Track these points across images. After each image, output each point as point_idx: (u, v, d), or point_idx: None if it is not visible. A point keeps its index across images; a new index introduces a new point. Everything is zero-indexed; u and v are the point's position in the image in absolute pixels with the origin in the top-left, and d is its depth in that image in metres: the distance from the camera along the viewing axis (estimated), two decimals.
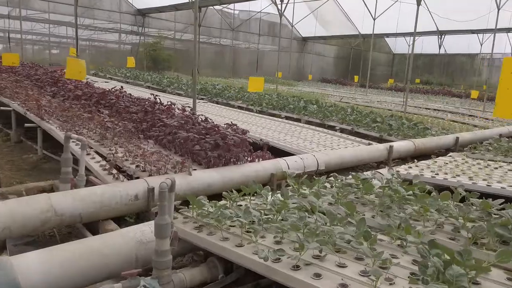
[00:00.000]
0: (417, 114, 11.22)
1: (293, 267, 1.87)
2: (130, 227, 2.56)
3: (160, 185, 2.08)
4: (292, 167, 4.69)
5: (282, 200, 2.62)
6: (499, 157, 5.37)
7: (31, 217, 2.81)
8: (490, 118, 12.64)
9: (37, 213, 2.84)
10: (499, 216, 2.35)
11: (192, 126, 4.73)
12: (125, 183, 3.42)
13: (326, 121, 8.38)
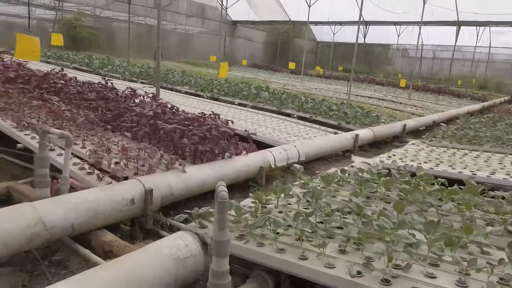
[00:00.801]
0: (360, 102, 11.68)
1: (382, 281, 1.71)
2: (160, 242, 2.18)
3: (220, 194, 1.76)
4: (277, 159, 4.52)
5: (326, 203, 2.43)
6: (461, 145, 5.73)
7: (15, 235, 2.28)
8: (419, 106, 13.67)
9: (23, 228, 2.31)
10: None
11: (170, 116, 4.29)
12: (119, 186, 2.95)
13: (283, 108, 8.30)
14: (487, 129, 6.93)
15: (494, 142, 5.78)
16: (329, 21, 31.79)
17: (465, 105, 16.03)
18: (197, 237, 2.24)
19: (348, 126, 7.36)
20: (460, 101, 17.77)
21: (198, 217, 2.43)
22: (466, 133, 6.28)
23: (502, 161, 4.76)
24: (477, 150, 5.39)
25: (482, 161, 4.74)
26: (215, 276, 1.79)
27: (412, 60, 35.59)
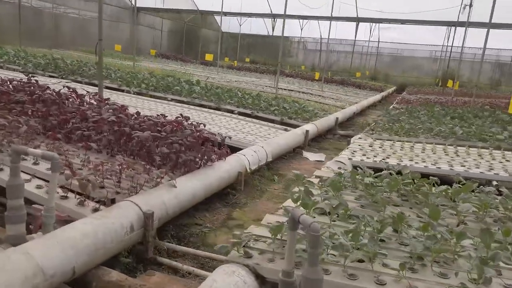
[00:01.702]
0: (287, 96, 11.89)
1: None
2: (212, 282, 1.86)
3: (312, 226, 1.54)
4: (251, 162, 4.34)
5: (380, 221, 2.32)
6: (403, 138, 6.14)
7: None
8: (334, 98, 14.47)
9: (20, 282, 1.80)
10: None
11: (135, 121, 3.80)
12: (114, 212, 2.49)
13: (223, 104, 8.04)
14: (414, 121, 7.57)
15: (427, 134, 6.34)
16: (241, 13, 31.82)
17: (369, 95, 17.43)
18: (249, 270, 1.97)
19: (290, 122, 7.41)
20: (363, 92, 19.27)
21: (236, 245, 2.14)
22: (402, 126, 6.77)
23: (447, 151, 5.22)
24: (420, 142, 5.84)
25: (431, 153, 5.14)
26: None
27: (313, 52, 37.67)
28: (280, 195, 4.30)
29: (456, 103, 13.36)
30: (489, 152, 5.27)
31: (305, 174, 5.22)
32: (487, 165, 4.55)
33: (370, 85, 22.67)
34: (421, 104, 12.70)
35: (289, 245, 1.72)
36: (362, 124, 10.77)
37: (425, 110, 9.31)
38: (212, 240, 3.14)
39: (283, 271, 1.74)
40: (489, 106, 11.22)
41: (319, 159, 6.07)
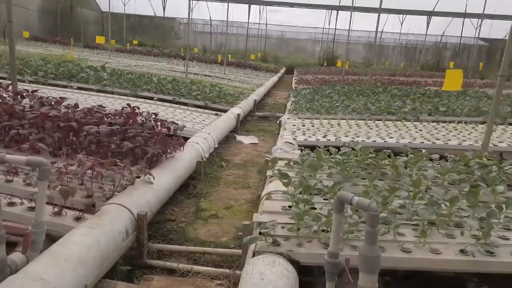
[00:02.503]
0: (198, 80, 11.61)
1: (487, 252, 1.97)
2: (255, 275, 1.79)
3: (370, 206, 1.60)
4: (205, 150, 4.23)
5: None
6: (328, 116, 6.56)
7: None
8: (240, 80, 14.64)
9: None
10: (481, 166, 3.13)
11: (81, 115, 3.37)
12: (105, 218, 2.21)
13: (139, 91, 7.54)
14: (327, 99, 8.13)
15: (345, 111, 6.89)
16: None
17: (268, 77, 18.08)
18: (283, 258, 1.96)
19: (214, 106, 7.34)
20: (261, 73, 19.89)
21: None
22: (322, 105, 7.22)
23: (370, 126, 5.77)
24: (344, 119, 6.33)
25: (357, 128, 5.62)
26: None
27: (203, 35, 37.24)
28: (236, 180, 4.29)
29: (347, 81, 14.67)
30: (403, 124, 5.98)
31: (248, 156, 5.30)
32: (409, 135, 5.17)
33: (266, 67, 23.46)
34: (321, 83, 13.65)
35: (336, 228, 1.76)
36: (273, 104, 11.17)
37: (330, 89, 10.04)
38: (193, 234, 3.02)
39: (329, 253, 1.78)
40: (380, 83, 12.61)
41: (253, 142, 6.16)
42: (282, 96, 13.36)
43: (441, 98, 8.87)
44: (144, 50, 25.44)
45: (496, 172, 3.08)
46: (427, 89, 10.54)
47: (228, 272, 2.45)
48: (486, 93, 10.59)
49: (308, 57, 35.39)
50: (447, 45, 33.84)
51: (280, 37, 36.97)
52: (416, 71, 26.96)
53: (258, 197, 3.79)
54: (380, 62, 34.51)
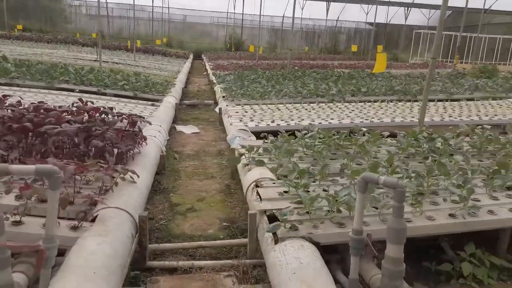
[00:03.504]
0: (115, 68, 10.82)
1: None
2: (293, 258, 1.83)
3: (398, 184, 1.76)
4: (162, 143, 4.08)
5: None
6: (266, 101, 6.71)
7: None
8: (154, 67, 14.04)
9: None
10: (428, 139, 3.56)
11: (34, 114, 3.00)
12: (109, 223, 2.06)
13: (56, 83, 6.83)
14: (258, 85, 8.29)
15: (278, 95, 7.12)
16: None
17: (181, 63, 17.65)
18: (306, 240, 2.05)
19: (145, 96, 7.01)
20: (173, 60, 19.29)
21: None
22: (256, 90, 7.35)
23: (308, 108, 6.07)
24: (281, 103, 6.54)
25: (298, 111, 5.88)
26: (392, 263, 1.84)
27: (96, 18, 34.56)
28: (197, 172, 4.21)
29: (262, 66, 15.02)
30: (335, 105, 6.41)
31: (197, 146, 5.22)
32: (346, 116, 5.57)
33: (175, 53, 22.77)
34: (237, 68, 13.76)
35: (359, 206, 1.89)
36: (196, 92, 10.97)
37: (254, 75, 10.22)
38: (177, 230, 2.93)
39: (353, 230, 1.92)
40: (298, 67, 13.17)
41: (194, 131, 6.05)
42: (202, 82, 13.18)
43: (356, 79, 9.66)
44: (35, 36, 22.75)
45: (441, 144, 3.53)
46: (341, 72, 11.34)
47: (231, 262, 2.46)
48: (390, 73, 11.78)
49: (214, 42, 35.15)
50: (342, 29, 36.39)
51: (183, 21, 36.02)
52: (318, 55, 28.66)
53: (226, 186, 3.79)
54: (284, 47, 35.79)
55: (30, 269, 1.85)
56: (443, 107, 6.79)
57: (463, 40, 21.60)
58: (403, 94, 7.82)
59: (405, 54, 29.96)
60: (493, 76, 12.35)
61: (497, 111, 6.60)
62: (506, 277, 2.34)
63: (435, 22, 31.82)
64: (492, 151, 3.66)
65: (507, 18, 26.04)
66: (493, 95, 8.73)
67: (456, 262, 2.32)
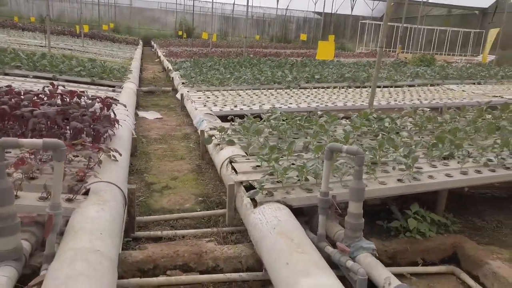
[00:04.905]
0: (67, 54, 10.43)
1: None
2: (273, 218, 2.13)
3: (358, 151, 2.12)
4: (131, 126, 4.21)
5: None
6: (226, 87, 6.92)
7: None
8: (105, 54, 13.67)
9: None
10: (378, 119, 4.00)
11: (9, 97, 3.04)
12: (104, 195, 2.24)
13: (8, 69, 6.60)
14: (215, 72, 8.47)
15: (237, 82, 7.38)
16: None
17: (132, 49, 17.26)
18: (281, 204, 2.36)
19: (103, 82, 6.97)
20: (124, 46, 18.78)
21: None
22: (215, 76, 7.54)
23: (267, 94, 6.39)
24: (241, 89, 6.80)
25: (257, 97, 6.18)
26: (354, 217, 2.21)
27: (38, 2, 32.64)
28: (167, 154, 4.40)
29: (217, 53, 15.14)
30: (292, 91, 6.78)
31: (162, 131, 5.37)
32: (303, 100, 5.95)
33: (124, 39, 22.13)
34: (190, 55, 13.78)
35: (327, 172, 2.24)
36: (151, 79, 10.91)
37: (211, 62, 10.36)
38: (157, 205, 3.14)
39: (321, 192, 2.26)
40: (253, 55, 13.43)
41: (157, 117, 6.17)
42: (155, 69, 13.08)
43: (309, 67, 10.12)
44: None
45: (389, 123, 4.00)
46: (294, 60, 11.78)
47: (210, 230, 2.73)
48: (340, 62, 12.42)
49: (163, 29, 34.38)
50: (291, 18, 37.02)
51: (129, 5, 34.80)
52: (269, 43, 29.11)
53: (197, 166, 4.03)
54: (235, 34, 35.81)
55: (32, 237, 2.02)
56: (389, 92, 7.41)
57: (404, 31, 22.99)
58: (352, 81, 8.38)
59: (351, 44, 31.25)
60: (431, 65, 13.41)
61: (435, 95, 7.32)
62: (443, 231, 2.81)
63: (378, 13, 33.40)
64: (431, 129, 4.19)
65: (442, 10, 27.94)
66: (431, 82, 9.57)
67: (403, 221, 2.76)
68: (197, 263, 2.23)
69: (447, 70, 11.42)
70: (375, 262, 2.02)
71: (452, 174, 2.86)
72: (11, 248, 1.77)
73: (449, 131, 3.66)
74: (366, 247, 2.15)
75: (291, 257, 1.79)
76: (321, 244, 2.24)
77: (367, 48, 26.76)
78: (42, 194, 2.21)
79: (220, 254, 2.26)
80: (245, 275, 2.18)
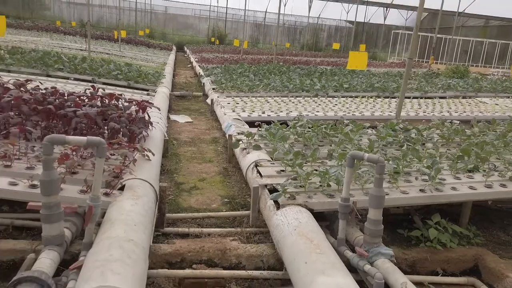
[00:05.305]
0: (105, 58, 10.94)
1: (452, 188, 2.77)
2: (294, 220, 2.24)
3: (379, 159, 2.20)
4: (163, 129, 4.41)
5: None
6: (255, 94, 7.08)
7: None
8: (137, 58, 14.17)
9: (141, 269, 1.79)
10: (404, 130, 4.03)
11: (55, 97, 3.30)
12: (138, 190, 2.42)
13: (51, 71, 7.01)
14: (245, 78, 8.65)
15: (266, 88, 7.51)
16: None
17: (165, 54, 17.77)
18: (303, 207, 2.46)
19: (137, 86, 7.28)
20: (158, 51, 19.35)
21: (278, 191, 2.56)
22: (245, 83, 7.72)
23: (294, 102, 6.49)
24: (270, 96, 6.94)
25: (285, 104, 6.30)
26: (373, 224, 2.28)
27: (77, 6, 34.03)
28: (195, 156, 4.57)
29: (247, 60, 15.37)
30: (319, 99, 6.86)
31: (192, 134, 5.57)
32: (330, 109, 6.02)
33: (159, 44, 22.80)
34: (222, 62, 14.07)
35: (348, 179, 2.32)
36: (183, 83, 11.24)
37: (240, 69, 10.57)
38: (185, 204, 3.30)
39: (342, 198, 2.35)
40: (282, 63, 13.59)
41: (188, 121, 6.39)
42: (187, 74, 13.43)
43: (339, 76, 10.16)
44: (14, 23, 22.35)
45: (415, 134, 4.02)
46: (324, 68, 11.84)
47: (235, 230, 2.85)
48: (370, 71, 12.37)
49: (196, 35, 35.10)
50: (323, 26, 36.99)
51: (164, 12, 35.79)
52: (300, 51, 29.20)
53: (224, 169, 4.18)
54: (266, 42, 36.10)
55: (73, 226, 2.21)
56: (418, 103, 7.35)
57: (438, 42, 22.54)
58: (381, 91, 8.36)
59: (383, 53, 30.90)
60: (464, 77, 13.12)
61: (466, 108, 7.21)
62: (465, 243, 2.82)
63: (412, 23, 32.85)
64: (458, 142, 4.18)
65: (479, 21, 27.21)
66: (463, 94, 9.39)
67: (424, 230, 2.79)
68: (221, 259, 2.36)
69: (481, 82, 11.16)
70: (392, 268, 2.08)
71: (476, 187, 2.87)
72: (55, 234, 1.96)
73: (476, 144, 3.65)
74: (385, 252, 2.22)
75: (310, 257, 1.89)
76: (340, 248, 2.32)
77: (399, 58, 26.39)
78: (83, 187, 2.41)
79: (243, 252, 2.38)
80: (266, 273, 2.28)
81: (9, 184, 2.30)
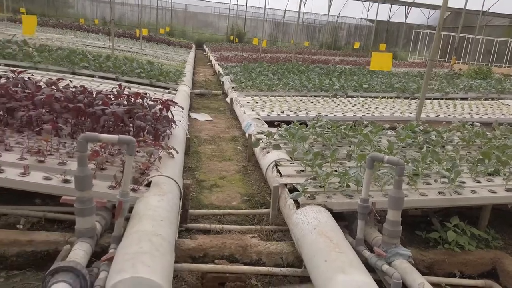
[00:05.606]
0: (127, 56, 11.19)
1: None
2: (314, 219, 2.32)
3: (399, 162, 2.24)
4: (185, 127, 4.52)
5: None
6: (274, 93, 7.15)
7: None
8: (164, 56, 14.39)
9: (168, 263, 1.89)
10: (424, 132, 4.04)
11: (84, 96, 3.44)
12: (163, 187, 2.52)
13: (77, 68, 7.23)
14: (264, 77, 8.72)
15: (285, 88, 7.57)
16: None
17: (185, 52, 17.97)
18: (322, 207, 2.52)
19: (159, 84, 7.42)
20: (178, 49, 19.60)
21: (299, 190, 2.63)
22: (264, 82, 7.79)
23: (313, 101, 6.53)
24: (289, 96, 7.00)
25: (304, 104, 6.34)
26: (391, 224, 2.32)
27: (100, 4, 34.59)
28: (215, 154, 4.67)
29: (266, 59, 15.42)
30: (338, 99, 6.87)
31: (212, 132, 5.67)
32: (349, 109, 6.03)
33: (179, 42, 23.06)
34: (241, 60, 14.16)
35: (367, 180, 2.37)
36: (203, 82, 11.38)
37: (260, 68, 10.64)
38: (206, 201, 3.40)
39: (361, 199, 2.40)
40: (301, 62, 13.61)
41: (207, 119, 6.50)
42: (207, 73, 13.58)
43: (358, 76, 10.12)
44: (40, 21, 22.92)
45: (435, 136, 4.02)
46: (343, 68, 11.80)
47: (254, 227, 2.93)
48: (390, 71, 12.27)
49: (215, 33, 35.27)
50: (343, 25, 36.68)
51: (184, 10, 36.06)
52: (318, 50, 29.05)
53: (243, 167, 4.26)
54: (284, 40, 36.04)
55: (102, 220, 2.32)
56: (439, 105, 7.29)
57: (461, 41, 22.11)
58: (401, 91, 8.30)
59: (403, 52, 30.47)
60: (487, 78, 12.88)
61: (488, 110, 7.11)
62: (483, 246, 2.83)
63: (434, 21, 32.30)
64: (479, 145, 4.15)
65: (504, 21, 26.55)
66: (485, 95, 9.24)
67: (442, 233, 2.81)
68: (242, 255, 2.44)
69: (504, 84, 10.94)
70: (410, 268, 2.12)
71: (496, 191, 2.87)
72: (88, 227, 2.08)
73: (497, 147, 3.63)
74: (403, 253, 2.26)
75: (330, 255, 1.95)
76: (359, 248, 2.37)
77: (420, 57, 25.99)
78: (112, 183, 2.53)
79: (263, 249, 2.46)
80: (286, 270, 2.36)
81: (43, 178, 2.43)
